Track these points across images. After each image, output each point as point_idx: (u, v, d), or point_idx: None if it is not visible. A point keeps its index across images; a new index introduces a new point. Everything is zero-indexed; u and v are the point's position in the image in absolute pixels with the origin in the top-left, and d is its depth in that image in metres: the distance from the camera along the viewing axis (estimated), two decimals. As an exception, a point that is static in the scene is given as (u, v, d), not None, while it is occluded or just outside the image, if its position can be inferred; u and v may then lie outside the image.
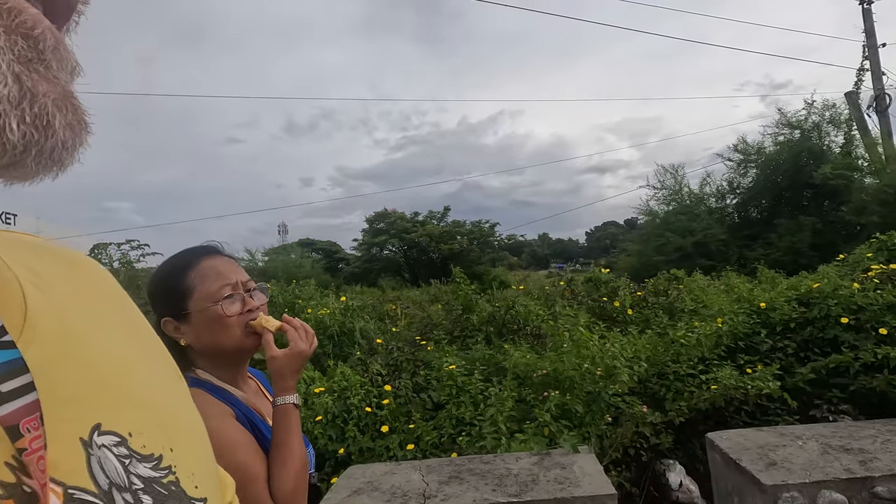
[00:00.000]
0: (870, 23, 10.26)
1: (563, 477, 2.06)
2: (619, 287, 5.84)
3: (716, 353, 4.16)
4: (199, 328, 1.04)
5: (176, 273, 1.06)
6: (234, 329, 1.05)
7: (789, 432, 2.46)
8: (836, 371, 3.83)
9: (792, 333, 4.25)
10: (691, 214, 10.29)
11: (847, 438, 2.31)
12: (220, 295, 1.04)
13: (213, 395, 1.03)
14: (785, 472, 2.01)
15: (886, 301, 3.94)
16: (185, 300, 1.04)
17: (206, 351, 1.06)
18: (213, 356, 1.07)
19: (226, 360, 1.08)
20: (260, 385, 1.23)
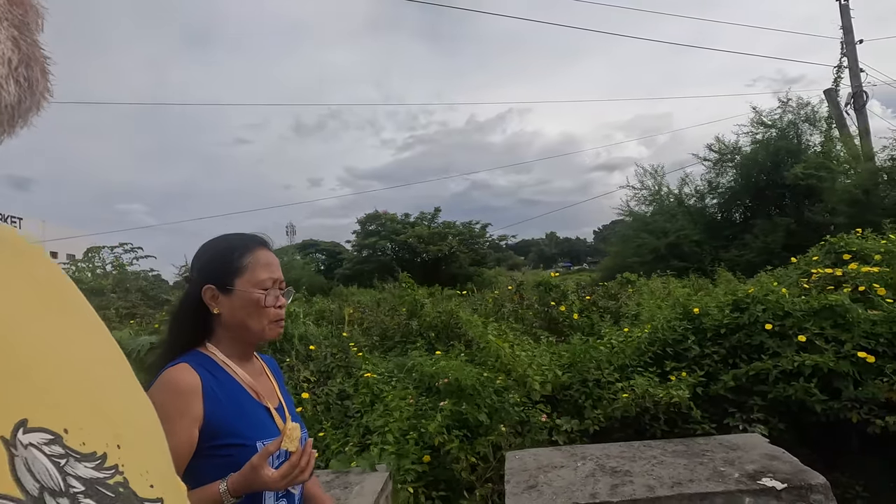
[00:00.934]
0: (847, 19, 10.05)
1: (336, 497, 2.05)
2: (567, 291, 5.80)
3: (642, 360, 4.12)
4: (237, 305, 1.16)
5: (234, 251, 1.18)
6: (264, 317, 1.18)
7: (579, 452, 2.41)
8: (758, 379, 3.77)
9: (722, 339, 4.19)
10: (667, 215, 10.19)
11: (626, 459, 2.27)
12: (265, 285, 1.17)
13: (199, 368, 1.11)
14: (537, 494, 1.96)
15: (809, 307, 3.87)
16: (234, 277, 1.16)
17: (234, 326, 1.17)
18: (236, 331, 1.18)
19: (243, 339, 1.19)
20: (265, 367, 1.31)
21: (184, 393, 1.08)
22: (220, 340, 1.19)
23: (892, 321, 3.59)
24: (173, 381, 1.09)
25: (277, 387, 1.29)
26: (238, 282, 1.16)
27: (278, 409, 1.22)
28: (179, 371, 1.10)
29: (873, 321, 3.66)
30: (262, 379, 1.26)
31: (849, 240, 5.20)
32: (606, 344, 3.97)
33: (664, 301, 4.85)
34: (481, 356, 3.75)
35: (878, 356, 3.54)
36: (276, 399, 1.25)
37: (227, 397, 1.12)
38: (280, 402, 1.25)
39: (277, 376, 1.34)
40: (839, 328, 3.76)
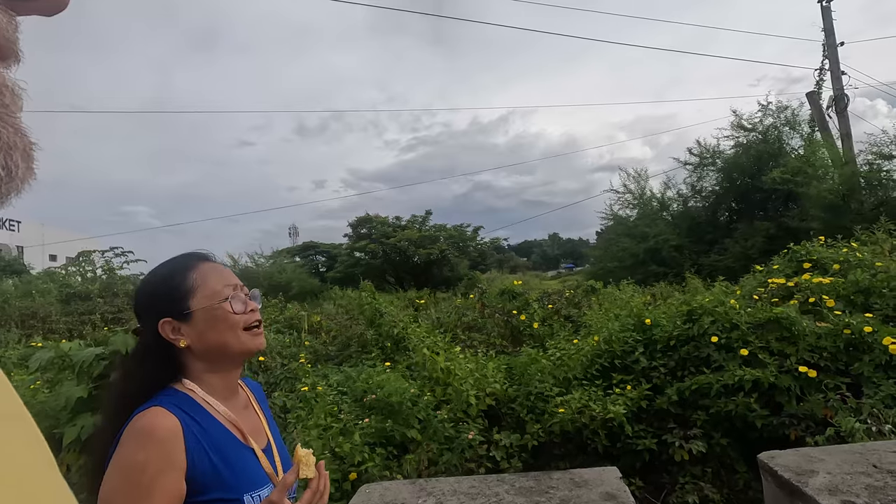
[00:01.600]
0: (829, 21, 9.91)
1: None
2: (530, 300, 5.74)
3: (589, 373, 4.06)
4: (203, 327, 1.02)
5: (177, 273, 1.06)
6: (238, 328, 1.04)
7: (429, 487, 2.27)
8: (701, 393, 3.70)
9: (672, 351, 4.12)
10: (648, 220, 10.09)
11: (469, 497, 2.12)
12: (224, 294, 1.05)
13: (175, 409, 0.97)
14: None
15: (755, 319, 3.80)
16: (187, 299, 1.03)
17: (208, 351, 1.04)
18: (212, 358, 1.04)
19: (224, 363, 1.06)
20: (251, 398, 1.18)
21: (163, 441, 0.92)
22: (196, 376, 1.04)
23: (837, 335, 3.51)
24: (148, 428, 0.92)
25: (265, 418, 1.16)
26: (193, 302, 1.03)
27: (266, 449, 1.09)
28: (154, 416, 0.95)
29: (818, 334, 3.58)
30: (247, 413, 1.12)
31: (811, 248, 5.11)
32: (549, 357, 3.90)
33: (621, 310, 4.78)
34: (420, 370, 3.70)
35: (820, 370, 3.47)
36: (263, 436, 1.11)
37: (209, 443, 0.98)
38: (268, 439, 1.12)
39: (263, 404, 1.22)
40: (785, 341, 3.69)
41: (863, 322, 3.47)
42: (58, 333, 10.83)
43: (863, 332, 3.39)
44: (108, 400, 1.10)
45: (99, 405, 4.35)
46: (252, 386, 1.24)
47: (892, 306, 3.78)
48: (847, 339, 3.47)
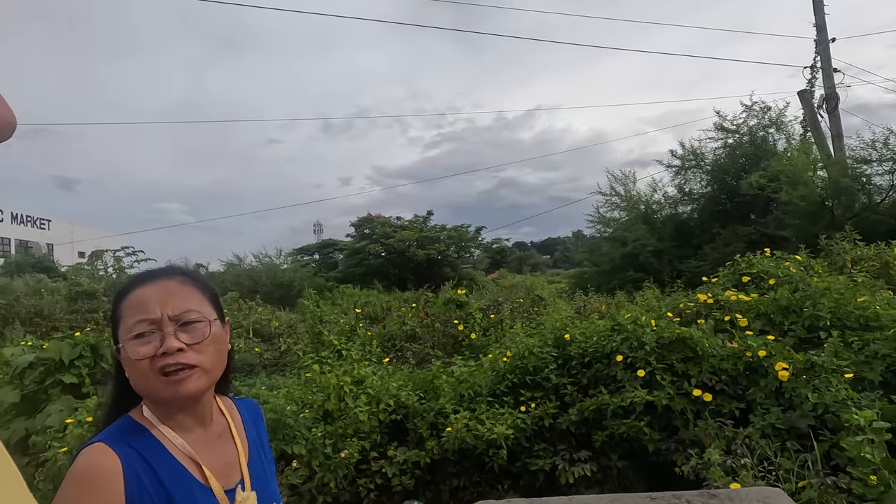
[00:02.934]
0: (821, 17, 9.36)
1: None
2: (472, 311, 5.71)
3: (498, 389, 4.02)
4: (126, 365, 0.91)
5: (114, 300, 0.96)
6: (146, 375, 0.88)
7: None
8: (601, 413, 3.62)
9: (586, 369, 4.04)
10: (629, 223, 9.83)
11: None
12: (134, 332, 0.90)
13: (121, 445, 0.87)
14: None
15: (660, 338, 3.68)
16: (116, 331, 0.93)
17: (140, 390, 0.92)
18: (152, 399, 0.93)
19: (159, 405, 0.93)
20: (233, 424, 1.02)
21: (98, 484, 0.83)
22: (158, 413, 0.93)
23: (738, 357, 3.38)
24: (84, 469, 0.83)
25: (245, 451, 1.00)
26: (120, 336, 0.91)
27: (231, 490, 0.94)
28: (93, 454, 0.85)
29: (722, 357, 3.45)
30: (218, 445, 0.97)
31: (754, 261, 4.92)
32: (450, 373, 3.89)
33: (552, 323, 4.70)
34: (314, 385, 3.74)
35: (717, 394, 3.35)
36: (235, 472, 0.96)
37: (154, 486, 0.86)
38: (242, 474, 0.97)
39: (252, 430, 1.06)
40: (690, 362, 3.57)
41: (762, 345, 3.33)
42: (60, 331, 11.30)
43: (759, 355, 3.25)
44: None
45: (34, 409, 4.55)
46: (244, 408, 1.08)
47: (805, 327, 3.61)
48: (746, 363, 3.34)
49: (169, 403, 0.91)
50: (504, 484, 3.73)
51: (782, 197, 7.30)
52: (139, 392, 0.91)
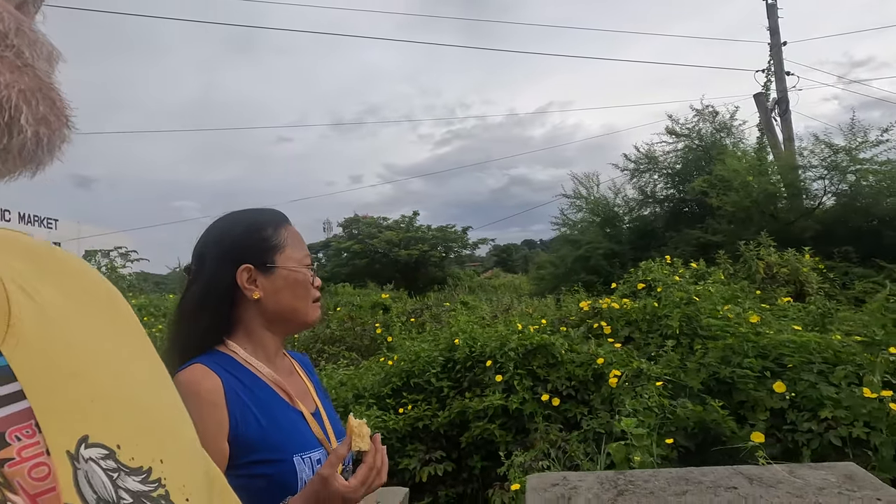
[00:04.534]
0: (774, 20, 9.29)
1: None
2: (394, 314, 5.91)
3: (383, 391, 4.21)
4: (281, 286, 1.00)
5: (269, 225, 1.03)
6: (306, 298, 1.03)
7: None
8: (466, 415, 3.79)
9: (468, 372, 4.22)
10: (586, 226, 9.90)
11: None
12: (307, 261, 1.04)
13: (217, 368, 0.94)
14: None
15: (525, 345, 3.84)
16: (274, 253, 1.01)
17: (276, 311, 1.01)
18: (276, 318, 1.02)
19: (283, 327, 1.04)
20: (296, 365, 1.13)
21: (204, 400, 0.89)
22: (245, 336, 1.01)
23: (589, 363, 3.53)
24: (189, 385, 0.89)
25: (313, 387, 1.10)
26: (280, 258, 1.00)
27: (315, 413, 1.04)
28: (194, 373, 0.91)
29: (578, 363, 3.61)
30: (293, 379, 1.07)
31: (648, 268, 5.04)
32: (339, 374, 4.09)
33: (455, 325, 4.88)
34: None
35: (566, 399, 3.50)
36: (311, 402, 1.06)
37: (254, 402, 0.94)
38: (317, 405, 1.06)
39: (312, 376, 1.15)
40: (552, 368, 3.73)
41: (609, 352, 3.48)
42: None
43: (606, 361, 3.40)
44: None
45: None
46: (298, 357, 1.18)
47: (662, 335, 3.75)
48: (594, 370, 3.49)
49: (308, 324, 1.06)
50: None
51: (713, 202, 7.35)
52: (291, 311, 1.02)
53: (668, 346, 3.36)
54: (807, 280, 5.32)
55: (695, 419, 2.75)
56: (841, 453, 2.44)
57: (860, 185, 6.73)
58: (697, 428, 2.76)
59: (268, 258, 1.00)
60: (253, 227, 1.03)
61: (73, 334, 0.33)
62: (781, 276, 5.45)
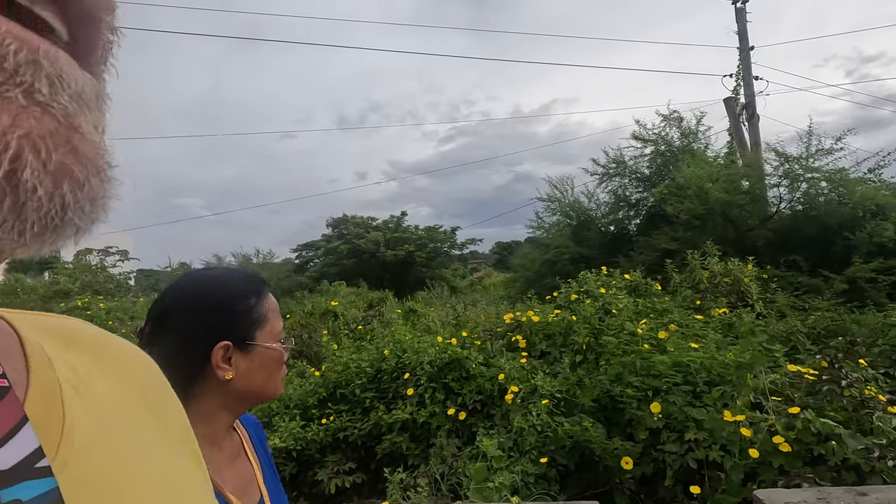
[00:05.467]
0: (743, 24, 9.23)
1: None
2: (342, 322, 5.97)
3: (312, 401, 4.28)
4: (257, 365, 0.90)
5: (251, 295, 0.92)
6: (276, 376, 0.94)
7: None
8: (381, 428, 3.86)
9: (393, 383, 4.28)
10: (558, 229, 9.90)
11: None
12: (281, 336, 0.94)
13: None
14: None
15: (440, 358, 3.89)
16: (255, 329, 0.90)
17: (245, 391, 0.90)
18: (240, 399, 0.91)
19: (243, 407, 0.94)
20: (245, 440, 1.00)
21: None
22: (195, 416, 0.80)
23: (490, 378, 3.59)
24: None
25: (259, 469, 0.98)
26: (259, 335, 0.90)
27: None
28: None
29: (488, 377, 3.66)
30: (237, 463, 0.94)
31: (585, 278, 5.08)
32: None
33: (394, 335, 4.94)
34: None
35: (472, 413, 3.56)
36: (255, 491, 0.94)
37: None
38: (261, 493, 0.94)
39: (259, 446, 1.04)
40: (465, 381, 3.79)
41: (517, 367, 3.53)
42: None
43: (508, 377, 3.46)
44: None
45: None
46: (248, 424, 1.05)
47: (575, 351, 3.80)
48: (499, 384, 3.54)
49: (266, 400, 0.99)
50: (295, 492, 4.00)
51: (669, 209, 7.35)
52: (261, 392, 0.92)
53: (566, 364, 3.40)
54: (748, 290, 5.34)
55: (572, 438, 2.80)
56: (699, 475, 2.49)
57: (812, 193, 6.73)
58: (574, 447, 2.81)
59: (248, 334, 0.89)
60: (235, 295, 0.91)
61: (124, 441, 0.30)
62: (723, 286, 5.47)
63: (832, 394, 2.68)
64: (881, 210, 6.11)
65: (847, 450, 2.31)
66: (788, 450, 2.30)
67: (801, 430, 2.33)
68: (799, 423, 2.34)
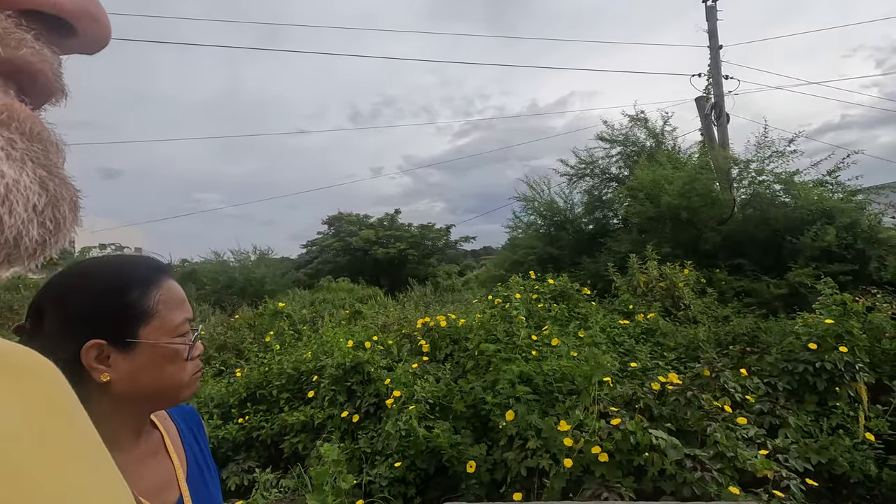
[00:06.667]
0: (713, 23, 9.00)
1: None
2: (289, 322, 6.11)
3: (235, 400, 4.44)
4: (143, 365, 0.79)
5: (135, 286, 0.81)
6: (184, 374, 0.84)
7: None
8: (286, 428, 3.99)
9: (306, 385, 4.40)
10: (533, 229, 9.87)
11: None
12: (181, 330, 0.84)
13: None
14: None
15: (338, 363, 4.00)
16: (138, 325, 0.80)
17: (134, 393, 0.80)
18: (133, 402, 0.81)
19: (143, 408, 0.84)
20: (167, 435, 0.92)
21: None
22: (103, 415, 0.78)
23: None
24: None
25: (183, 466, 0.91)
26: (144, 331, 0.80)
27: None
28: None
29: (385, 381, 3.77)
30: (154, 463, 0.87)
31: (516, 282, 5.15)
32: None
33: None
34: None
35: (366, 416, 3.67)
36: (174, 490, 0.87)
37: None
38: (181, 492, 0.87)
39: (191, 439, 0.97)
40: (368, 384, 3.90)
41: (404, 372, 3.63)
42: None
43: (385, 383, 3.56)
44: None
45: None
46: (180, 417, 0.98)
47: (468, 355, 3.87)
48: (389, 388, 3.64)
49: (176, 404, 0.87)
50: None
51: (623, 213, 7.32)
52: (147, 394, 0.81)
53: (446, 368, 3.49)
54: (682, 295, 5.33)
55: (429, 443, 2.89)
56: (528, 482, 2.56)
57: (762, 196, 6.63)
58: (431, 452, 2.90)
59: (128, 331, 0.79)
60: (112, 288, 0.80)
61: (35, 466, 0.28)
62: (658, 290, 5.47)
63: (677, 405, 2.73)
64: (827, 213, 6.01)
65: (666, 461, 2.36)
66: (606, 459, 2.36)
67: (619, 441, 2.39)
68: (618, 434, 2.40)
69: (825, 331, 3.41)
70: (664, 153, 8.13)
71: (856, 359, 3.31)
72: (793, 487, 2.33)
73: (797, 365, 3.41)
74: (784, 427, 3.01)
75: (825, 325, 3.43)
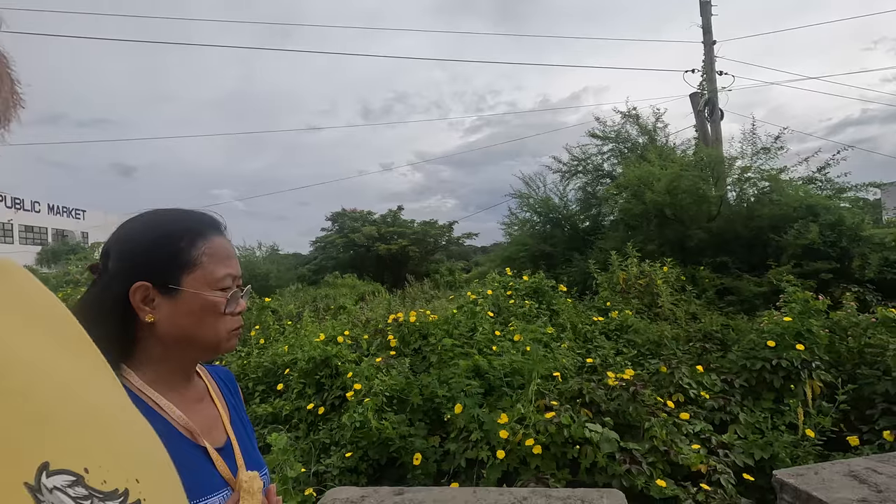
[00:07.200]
0: (707, 18, 8.90)
1: None
2: (274, 317, 6.23)
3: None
4: (183, 311, 0.84)
5: (181, 236, 0.86)
6: (220, 326, 0.88)
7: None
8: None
9: (281, 380, 4.51)
10: (528, 226, 9.86)
11: None
12: (223, 284, 0.88)
13: None
14: None
15: (308, 358, 4.09)
16: (182, 273, 0.85)
17: (174, 339, 0.85)
18: (175, 347, 0.86)
19: (184, 357, 0.88)
20: (211, 387, 0.98)
21: None
22: (144, 361, 0.85)
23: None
24: None
25: (226, 413, 0.96)
26: (187, 279, 0.85)
27: (223, 448, 0.90)
28: None
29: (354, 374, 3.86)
30: (201, 407, 0.93)
31: (492, 279, 5.20)
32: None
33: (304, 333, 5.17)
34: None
35: (332, 409, 3.76)
36: (221, 432, 0.92)
37: None
38: (228, 435, 0.93)
39: (229, 396, 1.02)
40: (336, 378, 3.99)
41: (367, 365, 3.71)
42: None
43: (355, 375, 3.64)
44: None
45: None
46: (217, 374, 1.04)
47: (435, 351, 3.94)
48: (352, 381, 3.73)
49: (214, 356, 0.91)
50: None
51: (610, 209, 7.30)
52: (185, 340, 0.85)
53: (406, 363, 3.56)
54: (659, 293, 5.34)
55: (381, 435, 2.96)
56: (469, 472, 2.63)
57: (748, 194, 6.58)
58: (382, 443, 2.98)
59: (171, 277, 0.83)
60: (163, 235, 0.86)
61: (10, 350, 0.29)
62: (637, 288, 5.48)
63: (620, 399, 2.77)
64: (811, 211, 5.95)
65: (599, 454, 2.41)
66: (540, 451, 2.42)
67: (554, 434, 2.44)
68: (553, 427, 2.45)
69: (785, 329, 3.42)
70: (655, 149, 8.09)
71: (813, 357, 3.32)
72: (723, 482, 2.37)
73: (756, 362, 3.42)
74: (734, 423, 3.04)
75: (785, 323, 3.44)
